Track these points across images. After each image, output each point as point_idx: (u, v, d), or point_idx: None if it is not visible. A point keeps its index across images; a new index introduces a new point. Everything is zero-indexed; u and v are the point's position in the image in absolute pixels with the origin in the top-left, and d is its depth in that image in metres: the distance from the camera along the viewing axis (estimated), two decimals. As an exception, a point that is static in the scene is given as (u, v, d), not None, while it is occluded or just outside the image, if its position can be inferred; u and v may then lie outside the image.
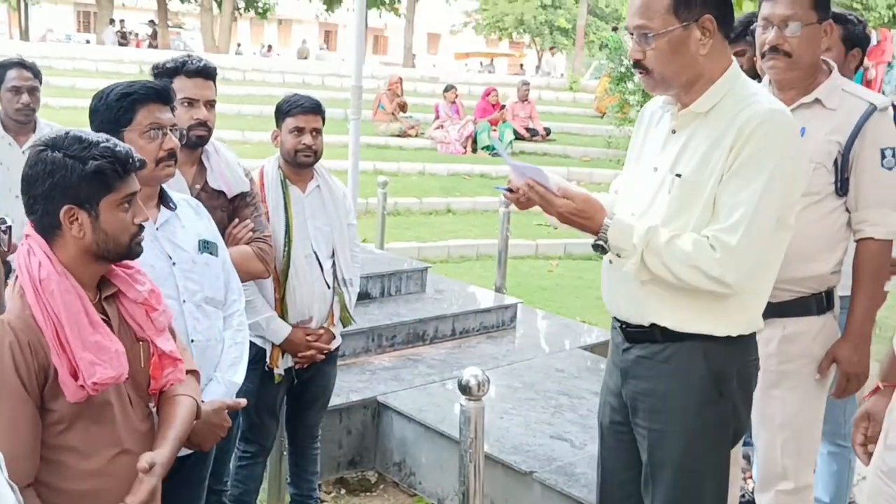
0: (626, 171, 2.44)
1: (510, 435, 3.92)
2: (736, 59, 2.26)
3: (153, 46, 26.78)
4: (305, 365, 3.29)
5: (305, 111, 3.19)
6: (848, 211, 2.65)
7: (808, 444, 2.75)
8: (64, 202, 1.88)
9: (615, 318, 2.37)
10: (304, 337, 3.22)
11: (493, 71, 33.48)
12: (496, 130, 13.84)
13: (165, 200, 2.43)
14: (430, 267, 6.05)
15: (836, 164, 2.60)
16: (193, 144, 2.80)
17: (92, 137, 1.93)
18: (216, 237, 2.55)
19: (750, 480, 3.45)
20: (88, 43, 26.98)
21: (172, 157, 2.38)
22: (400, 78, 14.95)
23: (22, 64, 4.12)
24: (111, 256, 1.96)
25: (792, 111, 2.41)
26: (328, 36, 49.11)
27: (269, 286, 3.17)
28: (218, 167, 2.90)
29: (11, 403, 1.81)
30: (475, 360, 4.93)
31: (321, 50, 38.91)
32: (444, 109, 14.23)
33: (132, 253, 2.00)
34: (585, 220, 2.17)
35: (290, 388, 3.34)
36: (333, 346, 3.37)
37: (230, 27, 28.36)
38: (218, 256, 2.51)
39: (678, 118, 2.21)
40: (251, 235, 2.91)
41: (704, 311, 2.17)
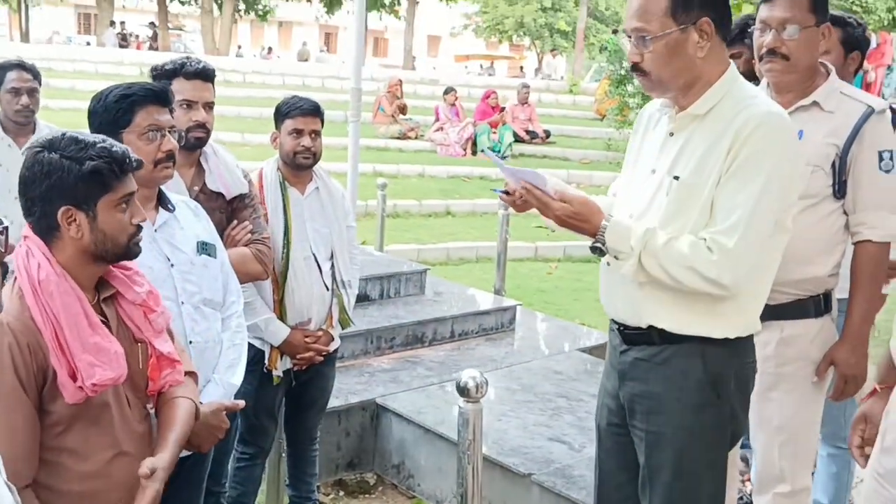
0: (623, 173, 2.44)
1: (509, 437, 3.92)
2: (732, 61, 2.26)
3: (153, 48, 26.81)
4: (304, 367, 3.29)
5: (304, 113, 3.19)
6: (846, 214, 2.65)
7: (805, 446, 2.75)
8: (61, 203, 1.88)
9: (613, 319, 2.37)
10: (302, 339, 3.22)
11: (493, 73, 33.49)
12: (496, 133, 13.84)
13: (164, 202, 2.44)
14: (429, 269, 6.05)
15: (833, 166, 2.60)
16: (192, 146, 2.81)
17: (88, 138, 1.93)
18: (215, 239, 2.55)
19: (748, 483, 3.46)
20: (89, 45, 26.98)
21: (171, 158, 2.38)
22: (400, 80, 14.95)
23: (21, 65, 4.13)
24: (109, 257, 1.96)
25: (790, 114, 2.42)
26: (328, 38, 49.11)
27: (267, 288, 3.17)
28: (216, 169, 2.90)
29: (10, 405, 1.81)
30: (474, 362, 4.94)
31: (321, 52, 38.91)
32: (443, 112, 14.24)
33: (131, 253, 2.00)
34: (582, 222, 2.17)
35: (288, 389, 3.34)
36: (332, 347, 3.37)
37: (230, 29, 28.39)
38: (216, 258, 2.51)
39: (676, 121, 2.21)
40: (250, 237, 2.91)
41: (702, 313, 2.17)
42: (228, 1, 26.99)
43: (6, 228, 1.40)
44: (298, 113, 3.19)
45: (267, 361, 3.22)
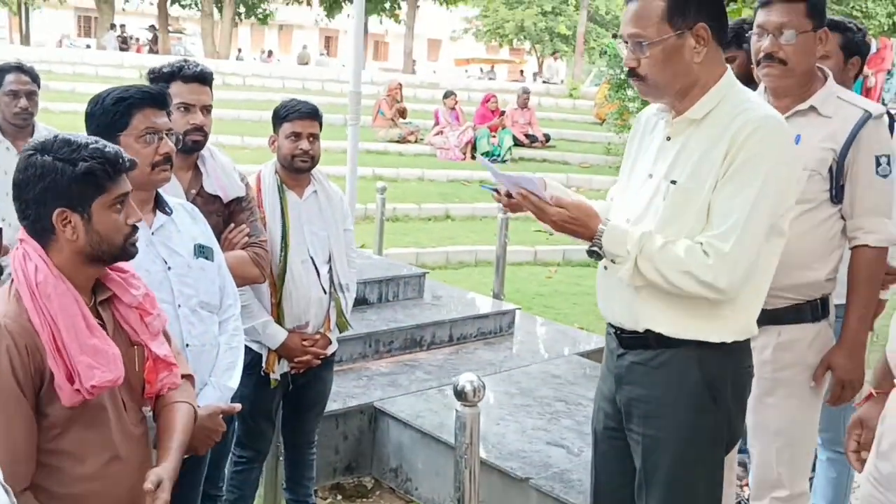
0: (620, 177, 2.44)
1: (507, 441, 3.91)
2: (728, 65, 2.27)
3: (154, 51, 26.85)
4: (301, 370, 3.29)
5: (302, 116, 3.19)
6: (843, 218, 2.65)
7: (803, 451, 2.75)
8: (56, 205, 1.88)
9: (610, 323, 2.37)
10: (300, 342, 3.22)
11: (493, 77, 33.51)
12: (495, 137, 13.85)
13: (161, 205, 2.44)
14: (427, 272, 6.04)
15: (830, 171, 2.60)
16: (189, 149, 2.81)
17: (81, 140, 1.93)
18: (212, 242, 2.55)
19: (746, 488, 3.46)
20: (89, 48, 27.01)
21: (168, 161, 2.38)
22: (399, 84, 14.96)
23: (20, 68, 4.13)
24: (106, 258, 1.96)
25: (787, 118, 2.42)
26: (329, 42, 49.16)
27: (265, 291, 3.17)
28: (214, 172, 2.90)
29: (9, 407, 1.81)
30: (472, 366, 4.94)
31: (322, 56, 38.90)
32: (443, 115, 14.25)
33: (127, 254, 1.99)
34: (579, 227, 2.17)
35: (286, 393, 3.34)
36: (330, 351, 3.37)
37: (231, 33, 28.43)
38: (213, 261, 2.51)
39: (673, 125, 2.21)
40: (247, 240, 2.91)
41: (699, 317, 2.17)
42: (229, 4, 27.04)
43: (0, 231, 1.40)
44: (296, 116, 3.19)
45: (264, 365, 3.22)
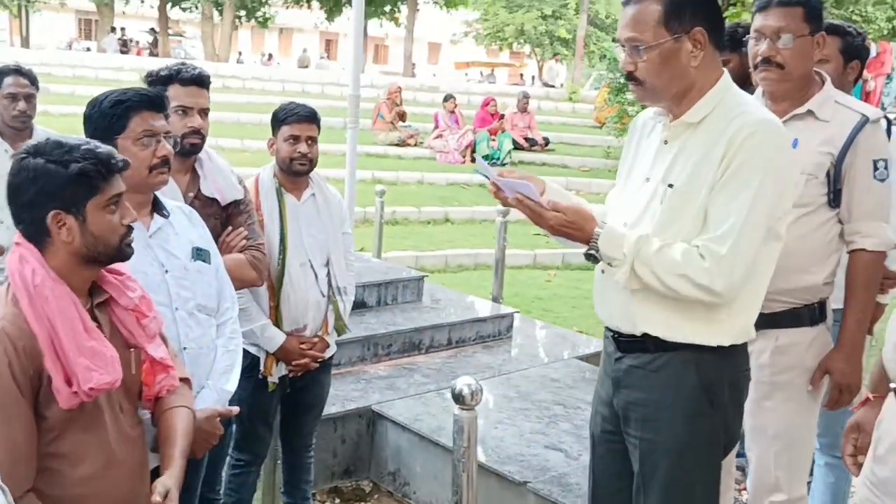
0: (618, 181, 2.44)
1: (505, 445, 3.91)
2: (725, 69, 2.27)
3: (154, 54, 26.89)
4: (299, 373, 3.28)
5: (301, 119, 3.19)
6: (840, 222, 2.65)
7: (801, 455, 2.75)
8: (50, 208, 1.88)
9: (607, 327, 2.37)
10: (298, 345, 3.22)
11: (493, 81, 33.54)
12: (495, 140, 13.86)
13: (159, 208, 2.43)
14: (426, 276, 6.05)
15: (828, 175, 2.60)
16: (187, 152, 2.81)
17: (72, 141, 1.93)
18: (209, 245, 2.55)
19: (744, 492, 3.45)
20: (89, 50, 27.04)
21: (166, 164, 2.38)
22: (399, 87, 14.97)
23: (18, 71, 4.14)
24: (102, 259, 1.96)
25: (784, 122, 2.42)
26: (329, 45, 49.19)
27: (263, 294, 3.17)
28: (211, 175, 2.90)
29: (9, 410, 1.81)
30: (471, 369, 4.94)
31: (322, 59, 38.92)
32: (443, 119, 14.26)
33: (122, 254, 1.99)
34: (576, 230, 2.17)
35: (284, 396, 3.33)
36: (328, 354, 3.37)
37: (231, 36, 28.48)
38: (211, 264, 2.51)
39: (670, 129, 2.22)
40: (245, 243, 2.91)
41: (696, 320, 2.17)
42: (229, 7, 27.07)
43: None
44: (295, 119, 3.19)
45: (262, 368, 3.21)
